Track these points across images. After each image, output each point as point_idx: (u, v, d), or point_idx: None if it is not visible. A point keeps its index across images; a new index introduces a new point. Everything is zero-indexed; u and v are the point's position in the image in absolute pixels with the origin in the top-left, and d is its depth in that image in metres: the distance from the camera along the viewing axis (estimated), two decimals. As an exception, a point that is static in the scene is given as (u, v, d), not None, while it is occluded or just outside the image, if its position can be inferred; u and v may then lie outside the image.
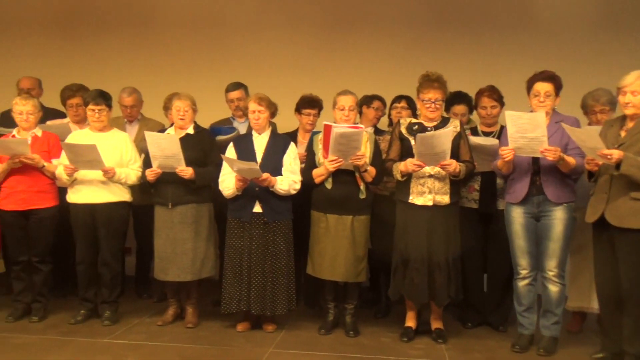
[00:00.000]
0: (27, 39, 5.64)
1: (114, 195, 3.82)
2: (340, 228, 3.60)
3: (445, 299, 3.54)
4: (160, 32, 5.52)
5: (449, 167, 3.40)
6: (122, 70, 5.32)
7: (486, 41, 5.13)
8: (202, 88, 4.49)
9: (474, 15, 5.20)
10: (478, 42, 5.13)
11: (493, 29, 5.14)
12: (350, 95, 3.66)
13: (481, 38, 5.14)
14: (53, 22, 5.62)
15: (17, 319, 3.87)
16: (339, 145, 3.44)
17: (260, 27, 5.41)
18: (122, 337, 3.61)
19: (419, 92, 3.56)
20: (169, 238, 3.74)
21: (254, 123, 3.73)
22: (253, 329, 3.76)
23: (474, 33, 5.16)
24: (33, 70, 4.89)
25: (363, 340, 3.65)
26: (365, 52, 5.29)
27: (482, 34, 5.15)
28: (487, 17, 5.18)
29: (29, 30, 5.65)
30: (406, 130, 3.58)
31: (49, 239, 3.88)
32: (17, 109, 3.81)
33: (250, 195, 3.65)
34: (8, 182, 3.80)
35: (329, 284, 3.74)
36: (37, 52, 5.57)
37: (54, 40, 5.60)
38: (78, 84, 4.40)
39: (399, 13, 5.28)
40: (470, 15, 5.21)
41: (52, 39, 5.61)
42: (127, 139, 3.95)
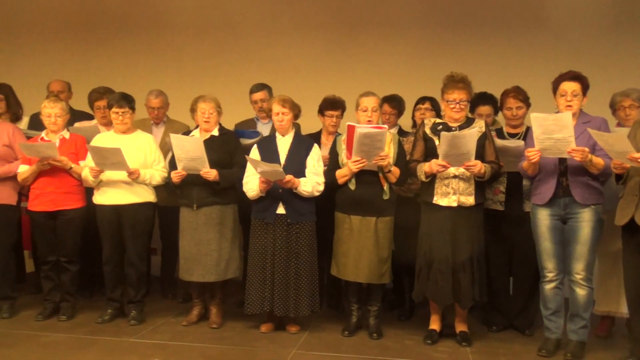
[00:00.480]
0: (57, 44, 5.77)
1: (139, 197, 3.87)
2: (363, 229, 3.59)
3: (470, 301, 3.50)
4: (183, 36, 5.59)
5: (473, 167, 3.36)
6: (149, 74, 5.39)
7: (498, 42, 5.10)
8: (223, 90, 4.52)
9: (486, 16, 5.17)
10: (490, 43, 5.10)
11: (506, 30, 5.11)
12: (373, 96, 3.66)
13: (493, 39, 5.11)
14: (82, 27, 5.72)
15: (46, 317, 3.94)
16: (363, 145, 3.43)
17: (276, 30, 5.45)
18: (147, 337, 3.66)
19: (444, 93, 3.54)
20: (194, 239, 3.77)
21: (277, 125, 3.75)
22: (276, 330, 3.77)
23: (486, 34, 5.13)
24: (63, 73, 4.99)
25: (386, 342, 3.63)
26: (378, 54, 5.29)
27: (494, 35, 5.12)
28: (499, 17, 5.15)
29: (59, 35, 5.77)
30: (430, 131, 3.56)
31: (77, 239, 3.95)
32: (46, 112, 3.89)
33: (273, 196, 3.66)
34: (37, 183, 3.88)
35: (353, 285, 3.73)
36: (66, 56, 5.69)
37: (83, 44, 5.72)
38: (105, 87, 4.48)
39: (411, 15, 5.27)
40: (483, 17, 5.18)
41: (82, 43, 5.73)
42: (151, 140, 3.99)
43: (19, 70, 5.52)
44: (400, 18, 5.29)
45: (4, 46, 5.85)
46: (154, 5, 5.64)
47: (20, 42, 5.84)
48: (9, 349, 3.42)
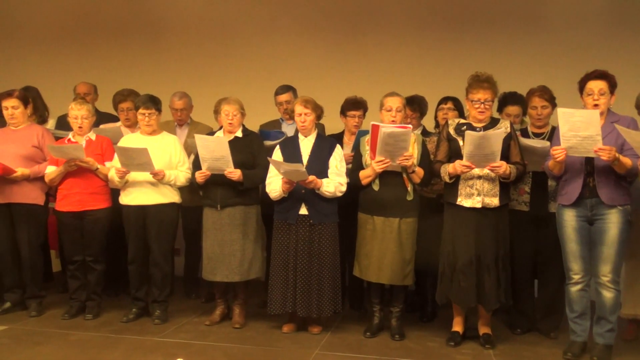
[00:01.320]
0: (82, 47, 5.88)
1: (164, 197, 3.91)
2: (387, 230, 3.58)
3: (495, 304, 3.46)
4: (208, 40, 5.66)
5: (498, 168, 3.33)
6: (173, 76, 5.47)
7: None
8: (251, 93, 4.58)
9: (488, 17, 5.18)
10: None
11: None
12: (397, 97, 3.65)
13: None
14: (110, 31, 5.83)
15: (72, 316, 4.01)
16: (387, 145, 3.42)
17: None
18: (171, 336, 3.69)
19: (468, 93, 3.51)
20: (218, 239, 3.80)
21: (300, 126, 3.76)
22: (298, 331, 3.78)
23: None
24: (89, 76, 5.08)
25: (409, 344, 3.62)
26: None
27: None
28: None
29: (84, 38, 5.87)
30: (454, 131, 3.54)
31: (103, 239, 4.01)
32: (72, 114, 3.96)
33: (296, 197, 3.67)
34: (64, 184, 3.95)
35: (375, 286, 3.72)
36: (92, 59, 5.79)
37: (108, 47, 5.82)
38: (129, 89, 4.54)
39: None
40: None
41: (107, 46, 5.83)
42: (176, 141, 4.04)
43: (44, 73, 5.63)
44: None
45: (31, 50, 5.98)
46: (180, 14, 5.73)
47: (46, 45, 5.96)
48: (38, 347, 3.48)
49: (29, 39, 6.00)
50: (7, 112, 4.03)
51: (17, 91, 4.08)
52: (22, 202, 3.99)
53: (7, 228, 4.03)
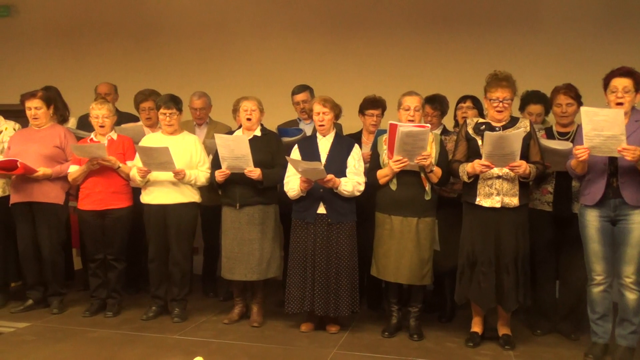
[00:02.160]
0: (102, 48, 5.95)
1: (184, 196, 3.94)
2: (405, 230, 3.57)
3: (514, 304, 3.43)
4: (227, 40, 5.69)
5: (518, 168, 3.30)
6: (192, 76, 5.52)
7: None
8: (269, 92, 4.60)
9: (482, 16, 5.17)
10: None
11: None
12: (415, 96, 3.63)
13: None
14: (128, 32, 5.90)
15: (93, 314, 4.06)
16: (405, 144, 3.40)
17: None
18: (190, 334, 3.72)
19: (486, 92, 3.48)
20: (236, 238, 3.81)
21: (318, 125, 3.76)
22: (316, 330, 3.78)
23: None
24: (109, 76, 5.14)
25: (427, 344, 3.60)
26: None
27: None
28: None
29: (107, 40, 5.95)
30: (473, 130, 3.51)
31: (124, 237, 4.05)
32: (94, 114, 4.00)
33: (314, 196, 3.67)
34: (86, 183, 4.00)
35: (393, 286, 3.71)
36: (113, 59, 5.86)
37: (130, 49, 5.89)
38: (150, 89, 4.59)
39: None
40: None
41: (126, 47, 5.90)
42: (197, 141, 4.06)
43: (66, 73, 5.71)
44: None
45: (52, 51, 6.06)
46: (199, 17, 5.77)
47: (66, 46, 6.04)
48: (60, 344, 3.53)
49: (49, 39, 6.09)
50: (30, 113, 4.09)
51: (40, 92, 4.14)
52: (43, 201, 4.04)
53: (28, 227, 4.09)
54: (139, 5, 5.85)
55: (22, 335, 3.68)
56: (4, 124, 4.27)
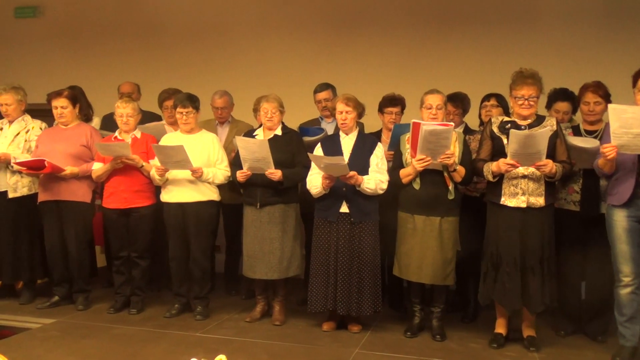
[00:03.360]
0: (125, 48, 6.02)
1: (203, 195, 3.95)
2: (427, 229, 3.54)
3: (540, 306, 3.38)
4: (249, 41, 5.72)
5: (544, 167, 3.24)
6: (214, 76, 5.54)
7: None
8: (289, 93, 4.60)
9: (480, 15, 5.16)
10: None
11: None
12: (438, 94, 3.59)
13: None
14: (151, 32, 5.96)
15: (117, 310, 4.11)
16: (428, 143, 3.37)
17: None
18: (213, 332, 3.74)
19: (512, 89, 3.42)
20: (257, 237, 3.82)
21: (341, 123, 3.74)
22: (338, 329, 3.77)
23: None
24: (132, 76, 5.19)
25: (450, 344, 3.57)
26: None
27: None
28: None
29: (130, 40, 6.03)
30: (498, 129, 3.46)
31: (147, 235, 4.09)
32: (118, 112, 4.04)
33: (337, 195, 3.66)
34: (111, 182, 4.04)
35: (416, 286, 3.68)
36: (136, 59, 5.93)
37: (152, 48, 5.96)
38: (174, 88, 4.63)
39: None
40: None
41: (149, 47, 5.97)
42: (215, 139, 4.07)
43: (89, 73, 5.79)
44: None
45: (76, 51, 6.15)
46: (211, 13, 5.82)
47: (91, 47, 6.13)
48: (85, 340, 3.57)
49: (73, 40, 6.18)
50: (57, 112, 4.14)
51: (66, 91, 4.20)
52: (70, 199, 4.10)
53: (56, 225, 4.14)
54: (162, 6, 5.89)
55: (49, 331, 3.74)
56: (31, 123, 4.33)
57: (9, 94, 4.23)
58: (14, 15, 6.36)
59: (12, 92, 4.25)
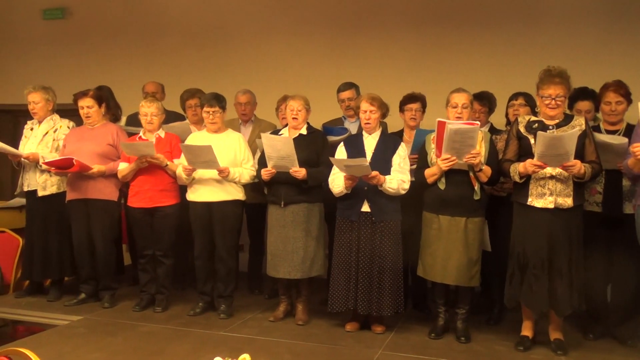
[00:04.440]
0: (152, 48, 6.10)
1: (229, 194, 3.97)
2: (453, 230, 3.50)
3: (568, 309, 3.31)
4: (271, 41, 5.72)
5: (572, 168, 3.18)
6: (238, 76, 5.58)
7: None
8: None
9: (483, 15, 5.16)
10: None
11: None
12: (464, 93, 3.55)
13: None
14: (177, 33, 6.02)
15: (142, 308, 4.15)
16: (453, 142, 3.33)
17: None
18: (236, 331, 3.75)
19: (539, 88, 3.36)
20: (281, 236, 3.82)
21: (364, 123, 3.72)
22: (362, 330, 3.76)
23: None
24: (157, 76, 5.24)
25: (475, 347, 3.52)
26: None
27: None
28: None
29: (155, 40, 6.10)
30: (525, 129, 3.40)
31: (172, 234, 4.12)
32: (143, 111, 4.08)
33: (359, 194, 3.64)
34: (136, 181, 4.08)
35: (440, 287, 3.64)
36: (161, 59, 6.00)
37: (177, 48, 6.02)
38: (196, 88, 4.66)
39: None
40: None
41: (176, 48, 6.03)
42: (241, 139, 4.09)
43: (116, 73, 5.86)
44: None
45: (104, 52, 6.23)
46: (234, 13, 5.85)
47: (118, 47, 6.21)
48: (112, 337, 3.62)
49: (101, 40, 6.26)
50: (83, 111, 4.21)
51: (91, 91, 4.26)
52: (97, 198, 4.16)
53: (83, 223, 4.21)
54: (187, 8, 5.95)
55: (76, 328, 3.80)
56: (59, 122, 4.40)
57: (38, 93, 4.31)
58: (43, 17, 6.47)
59: (41, 92, 4.32)
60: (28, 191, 4.35)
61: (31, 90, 4.32)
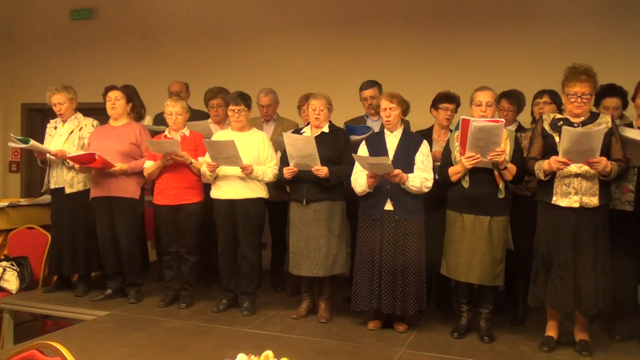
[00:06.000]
0: (177, 48, 6.19)
1: (252, 192, 4.00)
2: (477, 229, 3.47)
3: (594, 309, 3.27)
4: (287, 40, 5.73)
5: (597, 165, 3.13)
6: (260, 74, 5.62)
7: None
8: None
9: (483, 13, 5.17)
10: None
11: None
12: (488, 91, 3.52)
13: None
14: (201, 33, 6.11)
15: (167, 304, 4.20)
16: (478, 140, 3.31)
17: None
18: (260, 328, 3.78)
19: (564, 86, 3.32)
20: (303, 234, 3.84)
21: (385, 121, 3.72)
22: (384, 328, 3.75)
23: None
24: (182, 76, 5.31)
25: (499, 346, 3.49)
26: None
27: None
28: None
29: (180, 41, 6.19)
30: (550, 127, 3.36)
31: (196, 232, 4.17)
32: (168, 110, 4.14)
33: (382, 193, 3.64)
34: (161, 179, 4.14)
35: (463, 286, 3.62)
36: (186, 59, 6.07)
37: (202, 48, 6.10)
38: (219, 87, 4.70)
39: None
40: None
41: (200, 47, 6.11)
42: (265, 137, 4.11)
43: (142, 73, 5.95)
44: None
45: (130, 52, 6.33)
46: (259, 13, 5.87)
47: (143, 47, 6.30)
48: (138, 332, 3.68)
49: (127, 40, 6.36)
50: (110, 103, 4.27)
51: (121, 88, 4.34)
52: (120, 195, 4.23)
53: (107, 220, 4.28)
54: (209, 7, 6.00)
55: (103, 323, 3.87)
56: (83, 121, 4.48)
57: (62, 94, 4.38)
58: (70, 17, 6.60)
59: (64, 92, 4.40)
60: (54, 189, 4.43)
61: (54, 92, 4.38)
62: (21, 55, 6.83)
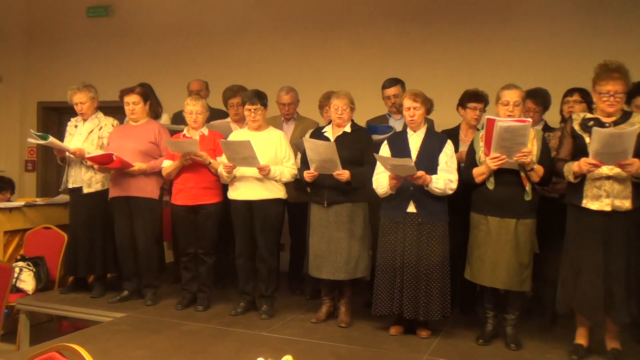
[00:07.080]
0: (195, 46, 6.15)
1: (270, 193, 3.92)
2: (502, 232, 3.36)
3: (626, 317, 3.14)
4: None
5: (630, 167, 3.00)
6: (278, 73, 5.55)
7: None
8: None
9: (467, 11, 5.18)
10: None
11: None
12: (515, 89, 3.40)
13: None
14: (219, 31, 6.07)
15: (184, 307, 4.15)
16: (503, 140, 3.19)
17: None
18: (278, 332, 3.70)
19: (595, 84, 3.18)
20: (324, 236, 3.76)
21: (408, 120, 3.61)
22: (406, 334, 3.66)
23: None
24: (200, 74, 5.26)
25: (526, 354, 3.38)
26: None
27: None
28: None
29: (198, 38, 6.14)
30: (580, 127, 3.23)
31: (214, 233, 4.11)
32: (188, 109, 4.08)
33: (404, 195, 3.54)
34: (180, 179, 4.09)
35: (489, 291, 3.51)
36: (205, 58, 6.03)
37: (220, 46, 6.05)
38: (239, 85, 4.64)
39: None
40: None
41: (218, 45, 6.06)
42: (282, 136, 4.03)
43: (159, 71, 5.92)
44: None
45: (146, 50, 6.30)
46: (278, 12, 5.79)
47: (160, 45, 6.27)
48: (155, 335, 3.62)
49: (144, 38, 6.34)
50: (128, 108, 4.23)
51: (138, 87, 4.30)
52: (139, 195, 4.18)
53: (125, 220, 4.23)
54: (226, 4, 5.95)
55: (120, 325, 3.82)
56: (103, 120, 4.44)
57: (83, 93, 4.35)
58: (87, 15, 6.59)
59: (85, 91, 4.36)
60: (72, 188, 4.40)
61: (76, 91, 4.35)
62: (37, 54, 6.84)
